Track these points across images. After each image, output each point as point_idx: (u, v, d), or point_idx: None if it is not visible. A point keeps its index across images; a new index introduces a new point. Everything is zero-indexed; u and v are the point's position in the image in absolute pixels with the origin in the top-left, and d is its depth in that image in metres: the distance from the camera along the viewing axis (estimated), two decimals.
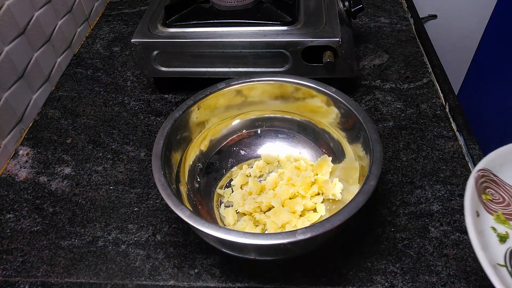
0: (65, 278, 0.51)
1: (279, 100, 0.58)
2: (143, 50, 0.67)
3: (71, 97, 0.75)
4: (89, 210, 0.58)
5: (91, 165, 0.64)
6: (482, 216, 0.46)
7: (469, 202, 0.45)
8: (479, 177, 0.47)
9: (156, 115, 0.71)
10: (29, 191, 0.61)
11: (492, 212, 0.48)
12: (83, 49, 0.86)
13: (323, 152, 0.58)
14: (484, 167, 0.49)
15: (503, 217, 0.47)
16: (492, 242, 0.45)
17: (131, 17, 0.94)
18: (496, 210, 0.48)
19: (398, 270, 0.49)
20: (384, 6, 0.91)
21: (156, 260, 0.52)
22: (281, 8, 0.68)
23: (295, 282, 0.49)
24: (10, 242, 0.55)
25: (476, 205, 0.46)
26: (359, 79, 0.74)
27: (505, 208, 0.49)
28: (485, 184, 0.48)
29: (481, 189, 0.48)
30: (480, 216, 0.46)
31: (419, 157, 0.61)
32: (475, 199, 0.46)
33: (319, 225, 0.41)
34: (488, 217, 0.47)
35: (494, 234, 0.46)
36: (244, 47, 0.65)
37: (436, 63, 0.75)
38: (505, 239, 0.46)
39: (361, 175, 0.51)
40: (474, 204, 0.46)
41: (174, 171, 0.51)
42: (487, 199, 0.48)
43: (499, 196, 0.49)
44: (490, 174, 0.49)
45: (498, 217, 0.47)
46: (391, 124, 0.66)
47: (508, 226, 0.47)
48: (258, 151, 0.61)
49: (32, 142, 0.68)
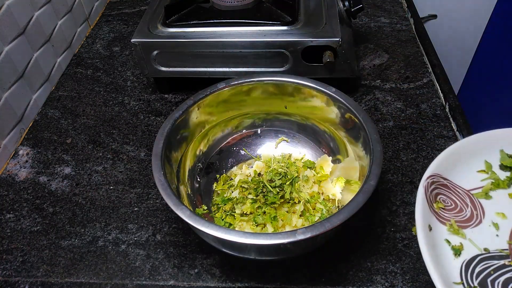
0: (65, 278, 0.51)
1: (279, 100, 0.58)
2: (143, 50, 0.67)
3: (71, 97, 0.75)
4: (89, 210, 0.58)
5: (91, 165, 0.64)
6: (435, 228, 0.46)
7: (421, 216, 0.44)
8: (428, 185, 0.46)
9: (156, 115, 0.71)
10: (29, 191, 0.61)
11: (445, 221, 0.47)
12: (83, 49, 0.86)
13: (323, 152, 0.58)
14: (433, 173, 0.48)
15: (456, 225, 0.46)
16: (448, 257, 0.44)
17: (131, 17, 0.94)
18: (448, 218, 0.47)
19: (398, 270, 0.49)
20: (384, 6, 0.91)
21: (156, 260, 0.52)
22: (281, 8, 0.68)
23: (295, 282, 0.49)
24: (10, 242, 0.55)
25: (429, 217, 0.45)
26: (359, 79, 0.74)
27: (458, 214, 0.48)
28: (436, 190, 0.47)
29: (432, 197, 0.47)
30: (432, 229, 0.45)
31: (419, 157, 0.61)
32: (426, 211, 0.45)
33: (319, 225, 0.41)
34: (441, 229, 0.46)
35: (449, 247, 0.45)
36: (244, 47, 0.65)
37: (436, 63, 0.75)
38: (460, 251, 0.45)
39: (361, 175, 0.51)
40: (426, 217, 0.45)
41: (174, 171, 0.51)
42: (438, 207, 0.47)
43: (451, 202, 0.48)
44: (440, 178, 0.48)
45: (452, 226, 0.46)
46: (391, 124, 0.66)
47: (462, 236, 0.46)
48: (258, 151, 0.61)
49: (32, 142, 0.68)
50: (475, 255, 0.45)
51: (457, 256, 0.45)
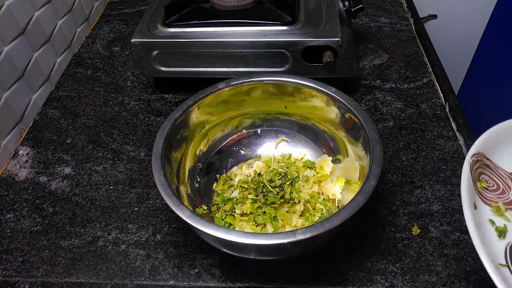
0: (65, 278, 0.51)
1: (279, 100, 0.58)
2: (143, 50, 0.67)
3: (71, 97, 0.75)
4: (89, 210, 0.58)
5: (91, 165, 0.64)
6: (480, 208, 0.44)
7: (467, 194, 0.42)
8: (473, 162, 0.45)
9: (156, 115, 0.71)
10: (29, 191, 0.61)
11: (490, 202, 0.45)
12: (83, 49, 0.86)
13: (323, 152, 0.58)
14: (478, 151, 0.46)
15: (503, 207, 0.45)
16: (492, 238, 0.43)
17: (131, 17, 0.94)
18: (492, 200, 0.46)
19: (398, 270, 0.49)
20: (384, 6, 0.91)
21: (156, 260, 0.52)
22: (281, 8, 0.68)
23: (295, 282, 0.49)
24: (10, 242, 0.55)
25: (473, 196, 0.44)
26: (359, 79, 0.74)
27: (500, 196, 0.46)
28: (479, 170, 0.46)
29: (476, 176, 0.45)
30: (477, 208, 0.44)
31: (419, 157, 0.61)
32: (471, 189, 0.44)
33: (319, 225, 0.41)
34: (485, 209, 0.45)
35: (493, 228, 0.44)
36: (244, 47, 0.65)
37: (436, 63, 0.75)
38: (504, 233, 0.44)
39: (361, 175, 0.51)
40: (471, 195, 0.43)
41: (174, 171, 0.51)
42: (482, 187, 0.46)
43: (493, 183, 0.47)
44: (483, 158, 0.46)
45: (498, 208, 0.45)
46: (391, 124, 0.66)
47: (505, 219, 0.45)
48: (258, 151, 0.61)
49: (32, 142, 0.68)
50: None
51: (501, 238, 0.43)
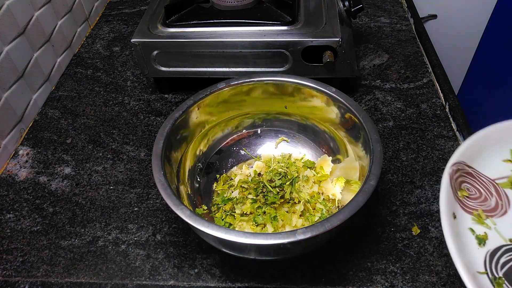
0: (65, 278, 0.51)
1: (279, 100, 0.58)
2: (143, 50, 0.67)
3: (71, 97, 0.75)
4: (89, 210, 0.58)
5: (91, 165, 0.64)
6: (460, 217, 0.45)
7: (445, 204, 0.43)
8: (453, 172, 0.45)
9: (156, 115, 0.71)
10: (29, 191, 0.61)
11: (471, 211, 0.45)
12: (83, 49, 0.86)
13: (323, 152, 0.58)
14: (458, 160, 0.46)
15: (483, 215, 0.45)
16: (472, 246, 0.43)
17: (131, 17, 0.94)
18: (474, 208, 0.46)
19: (398, 270, 0.49)
20: (384, 6, 0.91)
21: (156, 260, 0.52)
22: (281, 8, 0.68)
23: (295, 282, 0.49)
24: (10, 242, 0.55)
25: (453, 205, 0.44)
26: (359, 79, 0.74)
27: (482, 203, 0.46)
28: (461, 178, 0.46)
29: (457, 185, 0.45)
30: (457, 217, 0.44)
31: (419, 157, 0.61)
32: (451, 199, 0.44)
33: (319, 225, 0.41)
34: (466, 217, 0.45)
35: (473, 236, 0.44)
36: (244, 47, 0.65)
37: (436, 63, 0.75)
38: (484, 241, 0.44)
39: (361, 175, 0.51)
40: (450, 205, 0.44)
41: (174, 171, 0.51)
42: (463, 195, 0.46)
43: (475, 191, 0.47)
44: (464, 166, 0.47)
45: (479, 215, 0.45)
46: (391, 124, 0.66)
47: (486, 226, 0.45)
48: (258, 151, 0.61)
49: (32, 142, 0.68)
50: (500, 245, 0.44)
51: (481, 246, 0.44)
